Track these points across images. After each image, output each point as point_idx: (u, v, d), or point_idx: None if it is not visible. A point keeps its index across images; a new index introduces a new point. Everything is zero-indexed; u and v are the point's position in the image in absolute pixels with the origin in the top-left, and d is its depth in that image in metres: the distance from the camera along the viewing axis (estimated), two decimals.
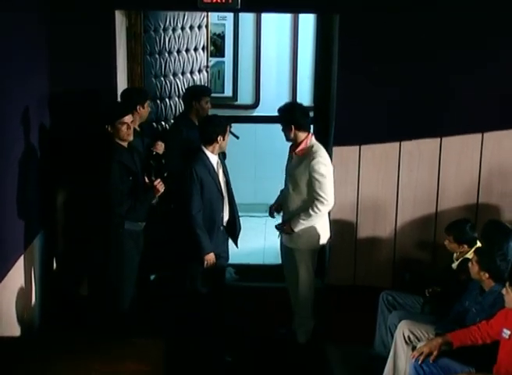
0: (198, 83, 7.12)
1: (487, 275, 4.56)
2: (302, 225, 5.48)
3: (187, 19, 6.85)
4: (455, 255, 5.17)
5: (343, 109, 6.16)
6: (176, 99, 6.87)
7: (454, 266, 5.15)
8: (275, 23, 8.55)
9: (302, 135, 5.46)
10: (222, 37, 8.70)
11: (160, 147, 5.92)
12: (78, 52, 6.01)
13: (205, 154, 5.30)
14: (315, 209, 5.39)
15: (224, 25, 8.67)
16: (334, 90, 6.21)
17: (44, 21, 5.84)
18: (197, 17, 6.93)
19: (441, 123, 6.17)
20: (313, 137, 5.53)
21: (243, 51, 8.68)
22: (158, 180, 5.29)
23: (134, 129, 5.47)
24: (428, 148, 6.22)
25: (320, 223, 5.54)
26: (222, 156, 5.59)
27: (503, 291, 4.24)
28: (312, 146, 5.46)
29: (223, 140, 5.32)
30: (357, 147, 6.22)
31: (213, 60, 8.43)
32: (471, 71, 6.07)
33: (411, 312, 5.08)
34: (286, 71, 8.52)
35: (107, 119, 5.20)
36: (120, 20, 6.19)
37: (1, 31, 4.88)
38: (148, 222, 5.43)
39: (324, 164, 5.39)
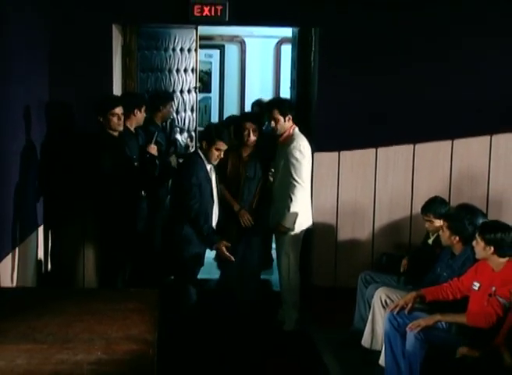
0: (188, 103, 7.59)
1: (457, 238, 4.91)
2: (289, 217, 5.81)
3: (178, 41, 7.38)
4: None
5: (322, 118, 6.60)
6: None
7: (430, 241, 5.49)
8: (259, 58, 9.13)
9: (288, 125, 5.87)
10: (208, 74, 9.26)
11: (153, 149, 6.31)
12: (77, 64, 6.45)
13: (201, 159, 5.55)
14: (291, 195, 5.75)
15: (211, 62, 9.25)
16: (314, 100, 6.67)
17: (45, 32, 6.29)
18: (187, 40, 7.46)
19: (414, 131, 6.62)
20: (296, 129, 5.93)
21: (228, 86, 9.24)
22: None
23: (130, 131, 5.91)
24: (403, 154, 6.65)
25: (299, 208, 5.84)
26: None
27: (473, 243, 4.59)
28: (293, 135, 5.89)
29: (208, 149, 5.50)
30: (337, 153, 6.63)
31: (200, 96, 8.94)
32: (443, 82, 6.55)
33: (388, 284, 5.37)
34: None
35: (99, 110, 5.62)
36: (116, 38, 6.68)
37: (5, 41, 5.22)
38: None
39: (300, 150, 5.78)
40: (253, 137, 5.90)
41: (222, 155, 5.54)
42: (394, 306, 4.75)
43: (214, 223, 5.70)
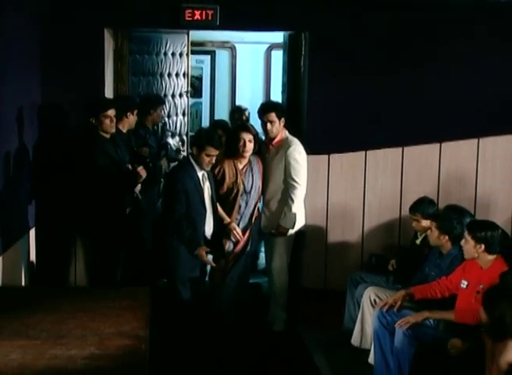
0: (179, 107, 7.66)
1: (446, 238, 4.99)
2: (289, 218, 5.86)
3: (169, 46, 7.45)
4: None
5: (312, 121, 6.67)
6: None
7: (418, 241, 5.57)
8: (249, 64, 9.20)
9: (280, 128, 5.92)
10: (199, 79, 9.33)
11: (145, 152, 6.38)
12: (69, 67, 6.49)
13: (192, 165, 5.44)
14: (292, 196, 5.81)
15: (202, 68, 9.32)
16: (304, 103, 6.75)
17: (37, 36, 6.33)
18: (178, 45, 7.52)
19: (403, 134, 6.70)
20: (287, 131, 5.99)
21: (219, 92, 9.30)
22: (141, 167, 5.72)
23: (122, 133, 5.97)
24: (392, 156, 6.73)
25: (298, 209, 5.90)
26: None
27: (462, 242, 4.67)
28: (287, 137, 5.95)
29: (198, 155, 5.38)
30: (327, 156, 6.71)
31: (191, 101, 9.00)
32: (431, 87, 6.65)
33: (377, 284, 5.44)
34: None
35: (91, 112, 5.68)
36: (108, 42, 6.74)
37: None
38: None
39: (299, 152, 5.87)
40: (249, 148, 5.73)
41: (213, 161, 5.42)
42: (383, 304, 4.82)
43: (208, 232, 5.59)
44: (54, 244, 6.49)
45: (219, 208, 5.72)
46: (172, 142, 7.44)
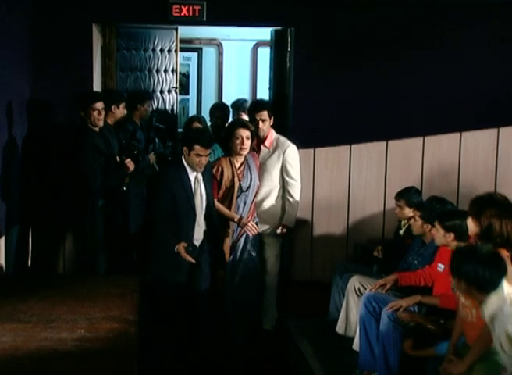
0: (168, 103, 7.74)
1: (430, 227, 5.09)
2: (292, 216, 5.94)
3: (158, 42, 7.53)
4: (402, 222, 5.70)
5: (298, 116, 6.78)
6: None
7: (401, 232, 5.68)
8: (236, 61, 9.30)
9: (269, 128, 5.92)
10: (186, 76, 9.41)
11: (133, 145, 6.45)
12: (57, 62, 6.57)
13: (184, 167, 5.27)
14: (292, 193, 5.89)
15: (188, 65, 9.41)
16: (290, 99, 6.85)
17: (26, 32, 6.40)
18: (166, 41, 7.61)
19: (387, 128, 6.82)
20: (273, 130, 6.01)
21: (206, 88, 9.39)
22: (129, 159, 5.79)
23: (110, 127, 6.05)
24: (376, 150, 6.85)
25: (297, 206, 6.00)
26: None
27: (433, 231, 4.79)
28: (278, 138, 5.96)
29: (189, 155, 5.20)
30: (312, 150, 6.81)
31: (178, 98, 9.08)
32: (414, 82, 6.78)
33: (362, 273, 5.55)
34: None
35: (80, 105, 5.76)
36: (96, 37, 6.82)
37: None
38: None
39: (295, 152, 5.96)
40: (246, 146, 5.59)
41: (203, 162, 5.18)
42: (374, 286, 4.92)
43: (198, 238, 5.37)
44: (43, 237, 6.55)
45: (224, 209, 5.60)
46: (160, 137, 7.48)
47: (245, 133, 5.58)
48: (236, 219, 5.65)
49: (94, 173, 5.65)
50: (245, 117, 6.76)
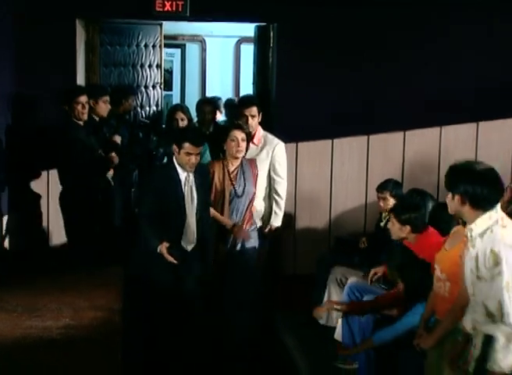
0: (152, 98, 7.79)
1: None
2: (280, 216, 5.87)
3: (142, 38, 7.58)
4: (383, 214, 5.78)
5: (281, 111, 6.83)
6: None
7: (382, 224, 5.76)
8: (219, 57, 9.36)
9: (257, 124, 5.79)
10: (170, 72, 9.46)
11: (117, 139, 6.50)
12: (41, 57, 6.58)
13: (175, 166, 5.06)
14: (280, 192, 5.79)
15: (172, 61, 9.46)
16: (273, 94, 6.92)
17: (9, 27, 6.42)
18: (151, 37, 7.66)
19: (368, 122, 6.90)
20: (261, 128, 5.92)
21: (189, 84, 9.44)
22: (113, 153, 5.85)
23: (94, 121, 6.11)
24: (358, 144, 6.94)
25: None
26: None
27: (389, 225, 4.89)
28: (266, 134, 5.85)
29: (179, 154, 4.98)
30: (295, 144, 6.88)
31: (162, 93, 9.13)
32: (394, 77, 6.87)
33: (344, 265, 5.63)
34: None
35: (64, 99, 5.81)
36: (80, 33, 6.85)
37: None
38: None
39: (283, 150, 5.87)
40: (242, 148, 5.35)
41: (193, 161, 4.95)
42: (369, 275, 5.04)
43: (189, 241, 5.11)
44: (28, 231, 6.58)
45: (217, 214, 5.35)
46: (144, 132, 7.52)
47: (240, 135, 5.34)
48: (229, 226, 5.39)
49: (78, 167, 5.69)
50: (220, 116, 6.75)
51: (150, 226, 4.95)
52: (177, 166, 5.03)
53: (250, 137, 5.48)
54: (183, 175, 5.04)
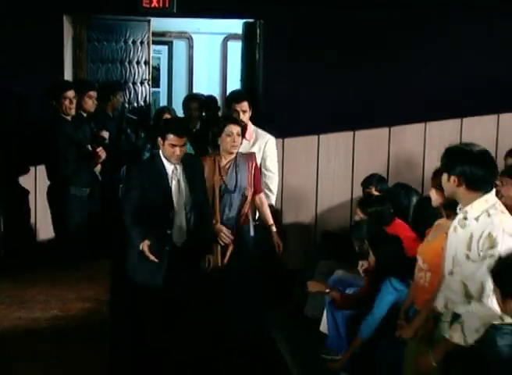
0: (140, 94, 7.83)
1: None
2: (269, 211, 5.73)
3: (130, 34, 7.62)
4: None
5: (268, 107, 6.88)
6: None
7: None
8: (206, 54, 9.41)
9: (248, 119, 5.78)
10: (157, 69, 9.49)
11: (105, 134, 6.53)
12: (28, 53, 6.60)
13: (160, 159, 4.94)
14: (271, 187, 5.80)
15: (159, 58, 9.49)
16: (260, 90, 6.97)
17: None
18: (139, 34, 7.69)
19: (354, 119, 6.97)
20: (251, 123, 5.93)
21: (176, 81, 9.48)
22: (100, 148, 5.88)
23: (82, 116, 6.13)
24: (343, 140, 7.00)
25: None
26: None
27: (356, 218, 4.98)
28: (257, 130, 5.87)
29: (163, 146, 4.87)
30: (281, 140, 6.93)
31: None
32: (381, 74, 6.92)
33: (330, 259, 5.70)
34: (217, 95, 9.28)
35: (52, 94, 5.84)
36: (67, 29, 6.88)
37: None
38: None
39: (275, 145, 5.90)
40: (237, 143, 5.23)
41: (178, 152, 4.82)
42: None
43: (179, 237, 4.93)
44: (15, 224, 6.60)
45: None
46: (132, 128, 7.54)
47: (236, 129, 5.22)
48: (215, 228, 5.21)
49: (65, 162, 5.72)
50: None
51: (133, 223, 4.78)
52: (163, 159, 4.93)
53: (244, 131, 5.38)
54: (169, 168, 4.93)
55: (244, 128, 5.38)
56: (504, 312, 3.17)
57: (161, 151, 4.95)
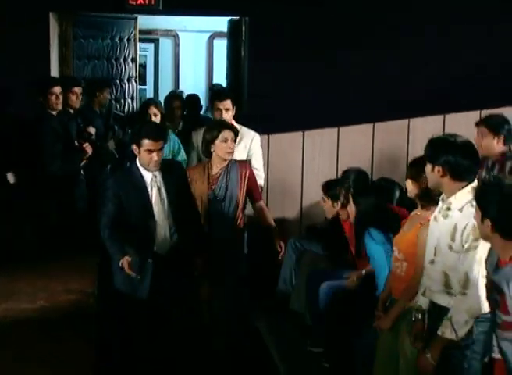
0: (127, 91, 7.87)
1: (339, 203, 5.25)
2: None
3: (116, 31, 7.66)
4: None
5: (253, 104, 6.93)
6: None
7: None
8: (192, 52, 9.47)
9: (232, 118, 5.64)
10: (144, 66, 9.54)
11: (92, 130, 6.58)
12: (14, 51, 6.62)
13: (137, 167, 4.56)
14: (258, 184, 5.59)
15: (145, 56, 9.54)
16: (245, 87, 7.04)
17: None
18: (125, 31, 7.74)
19: (338, 115, 7.03)
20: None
21: (162, 79, 9.54)
22: (87, 143, 5.93)
23: (69, 112, 6.18)
24: (328, 137, 7.07)
25: None
26: None
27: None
28: (241, 127, 5.58)
29: (139, 153, 4.48)
30: (266, 136, 6.99)
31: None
32: (364, 70, 6.98)
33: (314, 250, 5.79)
34: (203, 93, 9.36)
35: (39, 90, 5.89)
36: (53, 26, 6.92)
37: None
38: None
39: (259, 142, 5.82)
40: (232, 149, 4.98)
41: (156, 158, 4.43)
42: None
43: (162, 249, 4.58)
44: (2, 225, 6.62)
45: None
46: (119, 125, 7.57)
47: (231, 135, 4.97)
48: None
49: (52, 157, 5.77)
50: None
51: (111, 239, 4.40)
52: (140, 168, 4.52)
53: (237, 136, 5.12)
54: (148, 176, 4.52)
55: (237, 134, 5.11)
56: (481, 234, 3.19)
57: (137, 160, 4.53)
